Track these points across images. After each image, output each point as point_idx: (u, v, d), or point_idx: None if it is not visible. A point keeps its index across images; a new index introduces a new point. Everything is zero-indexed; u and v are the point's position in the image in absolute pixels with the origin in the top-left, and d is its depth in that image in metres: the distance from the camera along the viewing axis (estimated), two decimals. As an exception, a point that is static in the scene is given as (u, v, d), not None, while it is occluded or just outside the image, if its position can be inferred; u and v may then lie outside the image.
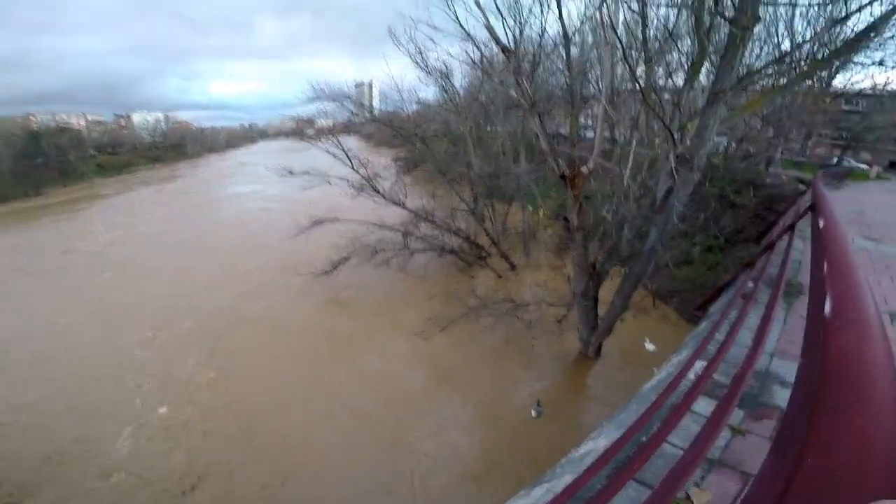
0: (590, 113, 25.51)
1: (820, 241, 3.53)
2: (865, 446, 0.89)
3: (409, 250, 21.21)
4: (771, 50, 21.90)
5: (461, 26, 16.01)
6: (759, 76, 11.39)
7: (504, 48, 14.57)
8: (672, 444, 2.93)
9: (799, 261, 6.16)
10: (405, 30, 21.67)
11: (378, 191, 22.06)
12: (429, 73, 24.43)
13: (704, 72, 11.37)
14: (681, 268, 15.73)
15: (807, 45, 15.14)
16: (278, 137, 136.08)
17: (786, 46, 21.91)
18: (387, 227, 21.12)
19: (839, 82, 28.69)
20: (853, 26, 12.35)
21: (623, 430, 3.34)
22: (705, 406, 3.25)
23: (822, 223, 3.61)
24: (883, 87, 29.83)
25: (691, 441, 2.59)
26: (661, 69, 13.83)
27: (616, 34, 12.27)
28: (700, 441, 2.49)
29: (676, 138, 9.16)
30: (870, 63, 25.29)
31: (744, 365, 3.09)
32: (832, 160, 34.65)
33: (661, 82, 14.02)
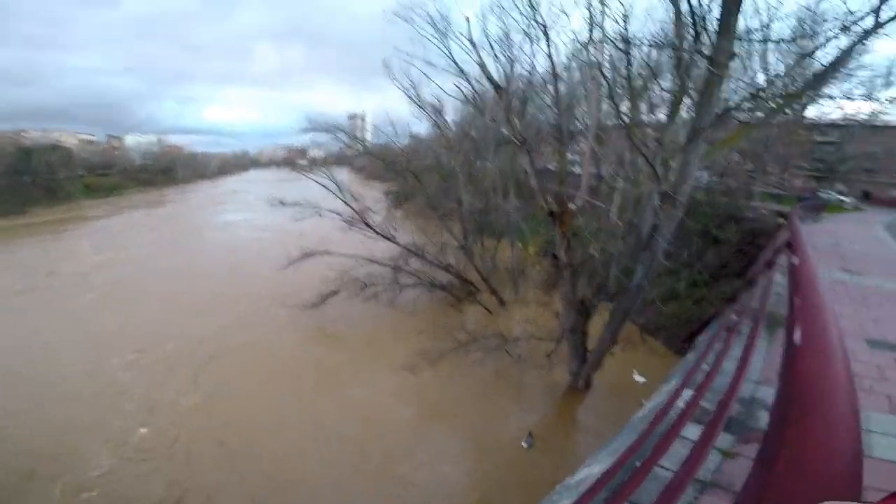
0: (577, 148, 26.14)
1: (793, 277, 3.83)
2: (824, 451, 1.10)
3: (399, 285, 21.15)
4: (746, 84, 23.03)
5: (455, 63, 16.84)
6: (737, 111, 12.12)
7: (496, 85, 15.31)
8: (664, 468, 3.06)
9: (780, 293, 6.48)
10: (400, 64, 22.55)
11: (369, 224, 22.27)
12: (422, 108, 25.24)
13: (685, 106, 11.97)
14: (667, 303, 16.05)
15: (780, 80, 16.06)
16: (270, 166, 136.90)
17: (760, 80, 23.12)
18: (377, 262, 21.13)
19: (812, 114, 29.67)
20: (821, 60, 13.27)
21: (617, 457, 3.47)
22: (694, 431, 3.40)
23: (796, 261, 3.92)
24: (853, 118, 31.00)
25: (681, 463, 2.76)
26: (645, 105, 14.60)
27: (602, 73, 12.95)
28: (689, 463, 2.66)
29: (661, 175, 9.65)
30: (839, 95, 26.78)
31: (728, 392, 3.30)
32: (809, 192, 35.34)
33: (645, 117, 14.75)
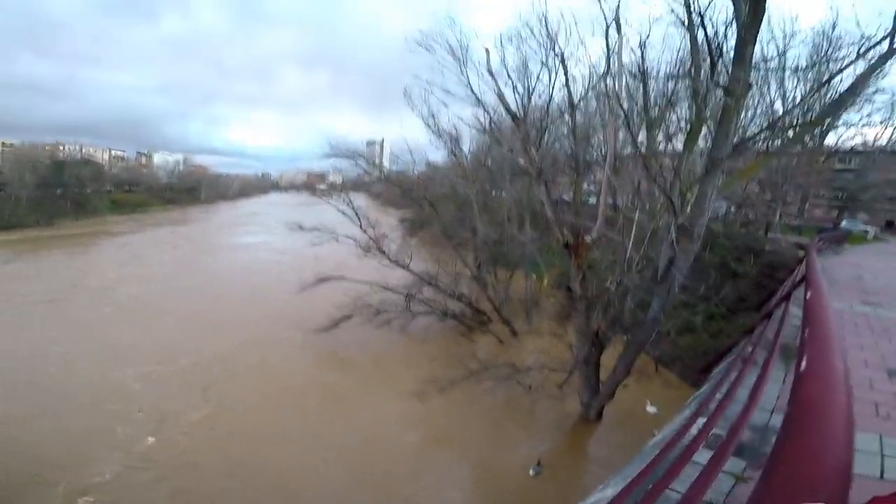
0: (593, 179, 26.01)
1: (806, 310, 3.87)
2: (816, 468, 1.24)
3: (412, 312, 21.17)
4: (764, 110, 22.32)
5: (473, 92, 17.19)
6: (754, 141, 12.11)
7: (514, 116, 15.62)
8: (675, 491, 3.06)
9: (796, 325, 6.41)
10: (420, 93, 23.03)
11: (384, 252, 22.45)
12: (439, 136, 25.72)
13: (702, 135, 12.02)
14: (683, 335, 15.82)
15: (797, 108, 15.97)
16: (290, 190, 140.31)
17: (778, 108, 22.65)
18: (390, 289, 21.22)
19: (831, 141, 29.42)
20: (839, 86, 13.17)
21: (629, 481, 3.49)
22: (706, 457, 3.38)
23: (810, 294, 3.96)
24: (873, 144, 30.40)
25: (691, 485, 2.78)
26: (662, 133, 14.69)
27: (619, 103, 13.11)
28: (699, 484, 2.68)
29: (677, 207, 9.68)
30: (858, 120, 26.33)
31: (739, 418, 3.32)
32: (830, 222, 34.25)
33: (662, 146, 14.83)
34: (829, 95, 15.89)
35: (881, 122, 28.18)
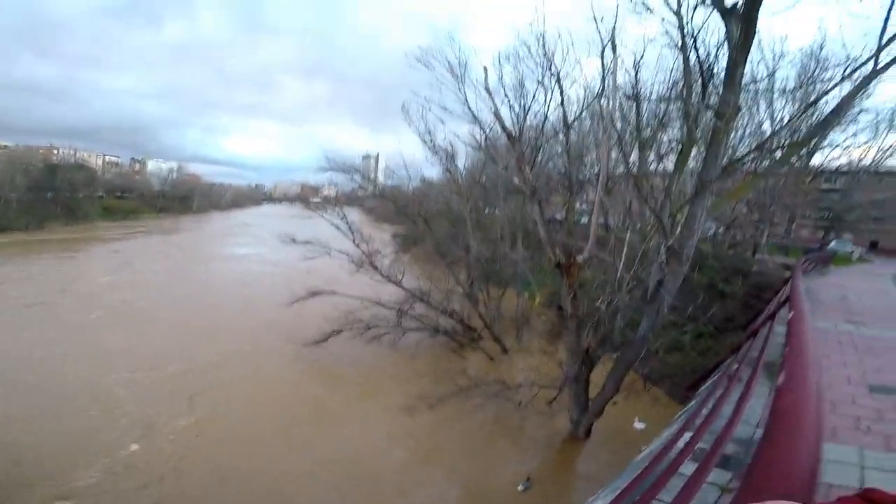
0: (585, 198, 26.00)
1: (788, 329, 4.05)
2: (784, 478, 1.40)
3: (403, 328, 21.08)
4: (753, 130, 22.43)
5: (470, 110, 17.35)
6: (743, 162, 12.37)
7: (509, 135, 15.84)
8: (662, 501, 3.17)
9: (781, 343, 6.61)
10: (418, 108, 23.20)
11: (376, 267, 22.38)
12: (435, 153, 25.75)
13: (693, 155, 12.24)
14: (672, 354, 15.97)
15: (785, 129, 16.19)
16: (283, 201, 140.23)
17: (766, 128, 22.69)
18: (382, 304, 21.19)
19: (817, 161, 29.10)
20: (825, 107, 13.43)
21: (618, 493, 3.59)
22: (692, 469, 3.51)
23: (791, 314, 4.15)
24: (858, 164, 30.56)
25: (676, 495, 2.90)
26: (653, 154, 14.94)
27: (613, 123, 13.37)
28: (684, 493, 2.81)
29: (667, 228, 9.91)
30: (843, 140, 26.46)
31: (723, 432, 3.46)
32: (816, 243, 34.74)
33: (654, 166, 15.07)
34: (816, 116, 16.00)
35: (865, 142, 28.42)
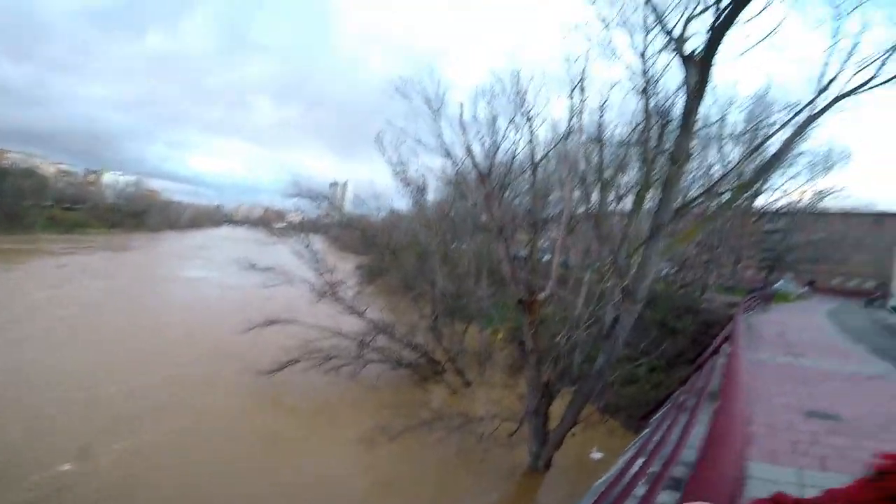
0: (549, 236, 27.24)
1: (727, 362, 4.54)
2: (712, 495, 1.76)
3: (364, 360, 20.63)
4: (703, 174, 24.10)
5: (443, 144, 17.85)
6: (694, 205, 13.32)
7: (480, 172, 16.45)
8: (618, 520, 3.43)
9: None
10: (391, 139, 23.51)
11: (339, 298, 22.08)
12: (406, 185, 26.10)
13: (649, 196, 13.06)
14: (627, 386, 16.55)
15: (733, 172, 17.44)
16: (245, 224, 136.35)
17: (716, 170, 24.42)
18: (343, 335, 20.70)
19: (761, 203, 31.25)
20: (768, 151, 14.61)
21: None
22: (644, 491, 3.82)
23: (730, 348, 4.65)
24: (796, 205, 32.94)
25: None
26: (614, 194, 15.82)
27: (577, 165, 14.14)
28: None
29: (623, 269, 10.59)
30: (783, 183, 28.32)
31: (671, 456, 3.81)
32: (759, 282, 36.64)
33: (613, 206, 15.93)
34: (760, 159, 17.02)
35: (803, 185, 30.74)
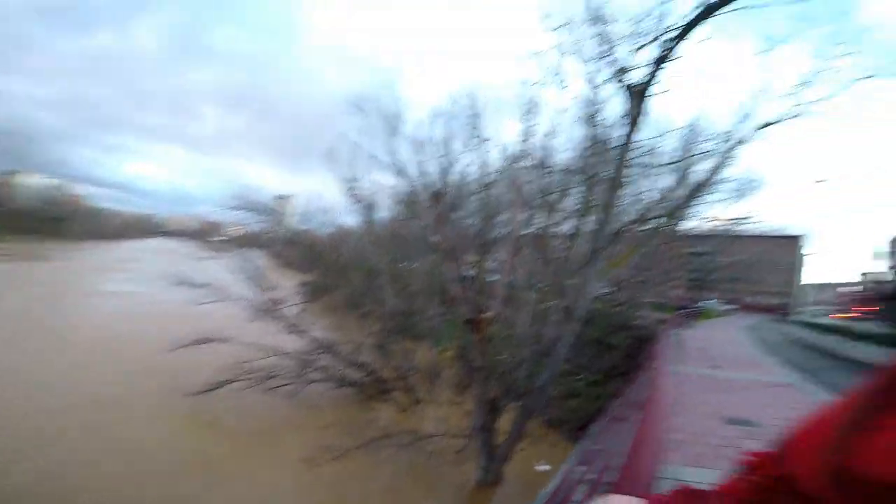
0: (496, 256, 28.01)
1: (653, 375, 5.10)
2: (639, 478, 2.14)
3: (306, 379, 19.91)
4: (639, 200, 26.14)
5: (397, 162, 18.10)
6: (629, 230, 14.38)
7: (433, 192, 16.83)
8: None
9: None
10: (344, 154, 23.45)
11: (281, 316, 21.47)
12: (357, 201, 26.12)
13: (590, 220, 13.91)
14: (568, 400, 17.35)
15: (665, 197, 18.95)
16: (181, 236, 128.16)
17: (649, 196, 26.69)
18: (284, 354, 19.94)
19: (689, 227, 33.09)
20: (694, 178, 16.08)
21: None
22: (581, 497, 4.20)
23: (655, 363, 5.24)
24: (719, 229, 36.06)
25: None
26: (558, 218, 16.69)
27: (523, 188, 14.84)
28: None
29: (564, 290, 11.33)
30: (708, 208, 31.04)
31: (605, 462, 4.24)
32: (687, 301, 40.27)
33: (557, 229, 16.81)
34: (688, 186, 18.69)
35: (725, 209, 33.94)
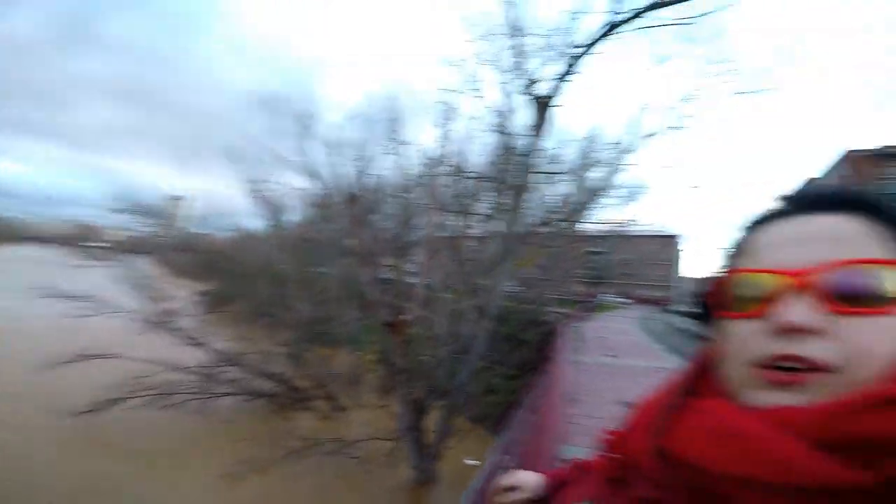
0: (413, 259, 28.34)
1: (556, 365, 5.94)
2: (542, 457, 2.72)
3: (211, 393, 18.48)
4: (543, 204, 28.54)
5: (309, 164, 17.48)
6: (535, 232, 15.56)
7: (349, 196, 16.54)
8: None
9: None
10: (248, 153, 22.14)
11: (176, 328, 19.84)
12: (264, 203, 24.69)
13: (500, 223, 14.87)
14: (488, 395, 18.38)
15: (567, 202, 20.80)
16: (52, 242, 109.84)
17: (552, 201, 29.14)
18: (183, 369, 18.31)
19: (587, 228, 38.53)
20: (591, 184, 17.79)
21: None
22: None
23: (560, 355, 6.09)
24: (613, 230, 40.61)
25: None
26: (471, 221, 17.55)
27: (439, 192, 15.39)
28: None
29: (477, 289, 12.15)
30: (602, 211, 34.55)
31: (523, 450, 4.92)
32: (588, 296, 44.34)
33: (471, 232, 17.69)
34: (586, 190, 20.21)
35: (618, 211, 38.16)
